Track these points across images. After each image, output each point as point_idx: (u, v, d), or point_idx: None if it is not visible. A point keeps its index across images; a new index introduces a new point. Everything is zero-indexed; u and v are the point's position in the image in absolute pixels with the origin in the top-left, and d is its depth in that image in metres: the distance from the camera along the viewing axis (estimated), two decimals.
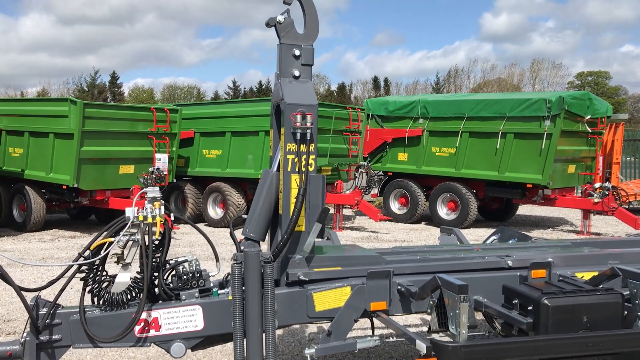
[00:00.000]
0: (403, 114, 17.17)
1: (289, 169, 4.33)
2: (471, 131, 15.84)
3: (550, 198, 15.56)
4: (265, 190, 4.46)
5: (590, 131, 15.69)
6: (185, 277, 4.24)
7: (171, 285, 4.30)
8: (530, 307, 3.83)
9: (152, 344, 4.17)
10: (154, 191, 4.27)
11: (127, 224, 4.17)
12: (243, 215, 4.78)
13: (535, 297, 3.82)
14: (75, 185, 13.96)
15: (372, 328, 4.39)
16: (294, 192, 4.32)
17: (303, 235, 4.35)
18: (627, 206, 16.03)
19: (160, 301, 4.27)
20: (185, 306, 4.15)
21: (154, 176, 14.39)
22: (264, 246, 4.75)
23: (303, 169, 4.28)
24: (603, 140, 16.42)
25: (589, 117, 15.39)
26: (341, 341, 4.04)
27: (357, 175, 15.97)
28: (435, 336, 3.93)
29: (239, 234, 4.49)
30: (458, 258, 4.69)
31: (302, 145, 4.30)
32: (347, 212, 18.36)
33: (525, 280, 4.34)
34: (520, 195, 15.66)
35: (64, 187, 14.30)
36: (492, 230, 6.65)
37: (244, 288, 3.99)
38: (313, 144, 4.36)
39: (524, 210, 19.75)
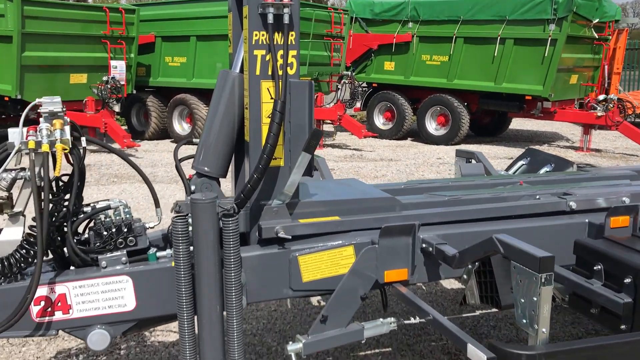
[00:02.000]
0: (390, 16, 15.40)
1: (258, 72, 2.85)
2: (466, 36, 14.22)
3: (550, 111, 14.25)
4: (223, 104, 3.00)
5: (597, 37, 14.18)
6: (106, 232, 2.82)
7: (90, 245, 2.89)
8: (628, 279, 2.52)
9: (60, 332, 2.81)
10: (52, 103, 2.77)
11: (10, 153, 2.70)
12: (194, 140, 3.32)
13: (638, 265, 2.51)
14: (19, 97, 12.22)
15: (384, 304, 3.06)
16: (266, 107, 2.86)
17: (282, 172, 2.94)
18: (631, 119, 14.80)
19: (72, 268, 2.88)
20: (106, 277, 2.77)
21: (110, 86, 12.71)
22: (226, 185, 3.33)
23: (280, 72, 2.80)
24: (609, 47, 14.95)
25: (596, 20, 13.83)
26: (342, 329, 2.72)
27: (339, 86, 14.39)
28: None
29: (188, 168, 3.06)
30: (501, 198, 3.33)
31: (276, 33, 2.80)
32: (327, 127, 16.89)
33: (600, 231, 3.02)
34: (518, 109, 14.31)
35: (6, 98, 12.55)
36: (486, 148, 5.21)
37: (192, 249, 2.62)
38: (294, 34, 2.86)
39: (514, 124, 18.48)
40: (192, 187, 3.01)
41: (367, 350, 4.07)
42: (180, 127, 14.85)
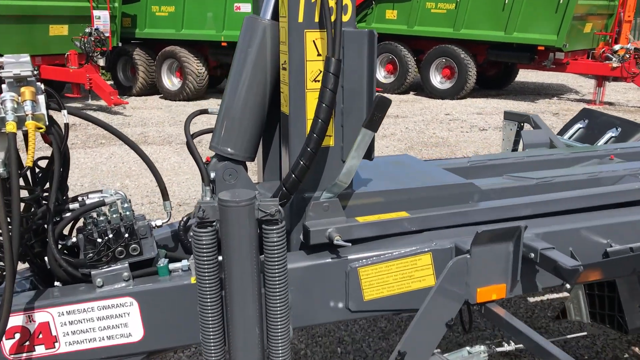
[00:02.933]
0: None
1: (301, 19, 2.09)
2: None
3: (562, 63, 13.46)
4: (250, 63, 2.24)
5: None
6: (100, 239, 2.10)
7: (79, 253, 2.19)
8: None
9: None
10: (18, 63, 2.01)
11: None
12: (211, 109, 2.57)
13: None
14: None
15: (467, 324, 2.39)
16: (312, 67, 2.12)
17: (332, 154, 2.21)
18: None
19: (57, 284, 2.17)
20: (104, 299, 2.06)
21: (93, 39, 11.72)
22: (251, 169, 2.61)
23: (332, 18, 2.06)
24: None
25: None
26: None
27: None
28: None
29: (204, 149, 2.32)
30: (597, 180, 2.63)
31: None
32: None
33: None
34: (528, 60, 13.52)
35: None
36: (494, 102, 4.47)
37: (221, 259, 1.92)
38: None
39: (518, 76, 17.68)
40: (212, 175, 2.28)
41: None
42: (170, 82, 13.93)
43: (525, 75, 18.52)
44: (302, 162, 2.03)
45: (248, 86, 2.25)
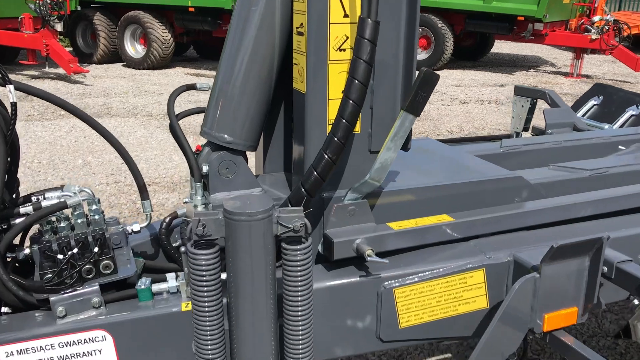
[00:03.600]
0: None
1: None
2: None
3: (541, 34, 13.13)
4: (254, 26, 1.76)
5: None
6: (61, 254, 1.61)
7: (34, 270, 1.70)
8: None
9: None
10: None
11: None
12: (200, 84, 2.06)
13: None
14: None
15: (524, 352, 1.98)
16: (337, 32, 1.64)
17: (357, 144, 1.75)
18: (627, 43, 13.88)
19: (5, 311, 1.68)
20: (67, 334, 1.59)
21: (50, 1, 10.87)
22: (252, 160, 2.14)
23: None
24: None
25: None
26: None
27: None
28: None
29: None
30: None
31: None
32: None
33: None
34: (507, 30, 13.15)
35: None
36: (471, 74, 4.09)
37: (225, 278, 1.45)
38: None
39: (493, 48, 17.36)
40: (204, 168, 1.80)
41: None
42: (134, 49, 13.14)
43: (500, 47, 18.21)
44: (327, 156, 1.56)
45: (251, 56, 1.76)
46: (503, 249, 1.77)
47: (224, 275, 1.47)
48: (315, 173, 1.57)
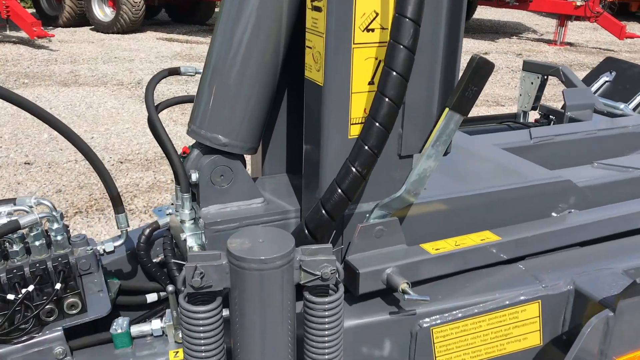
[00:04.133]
0: None
1: None
2: None
3: (526, 0, 12.81)
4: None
5: None
6: (12, 294, 1.25)
7: None
8: None
9: None
10: None
11: None
12: (185, 68, 1.68)
13: None
14: None
15: None
16: (365, 9, 1.28)
17: (385, 148, 1.39)
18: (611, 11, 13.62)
19: None
20: None
21: None
22: (250, 162, 1.78)
23: None
24: None
25: None
26: None
27: None
28: None
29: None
30: None
31: None
32: None
33: None
34: None
35: None
36: None
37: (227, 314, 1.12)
38: None
39: (475, 13, 16.99)
40: (193, 175, 1.45)
41: None
42: (102, 12, 12.45)
43: (481, 13, 17.85)
44: (355, 169, 1.22)
45: (251, 37, 1.40)
46: (559, 274, 1.47)
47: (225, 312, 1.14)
48: (339, 190, 1.23)
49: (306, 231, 1.25)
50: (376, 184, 1.43)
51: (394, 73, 1.18)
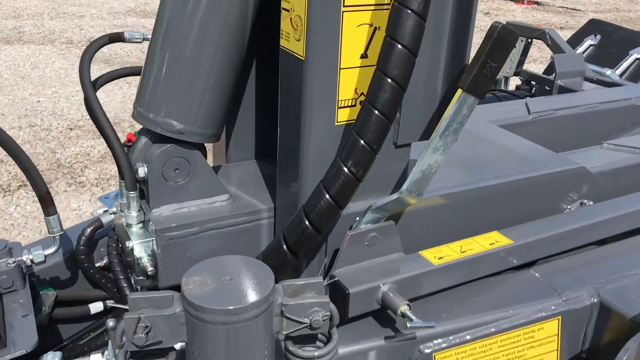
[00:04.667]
0: None
1: None
2: None
3: None
4: None
5: None
6: None
7: None
8: None
9: None
10: None
11: None
12: (130, 33, 1.37)
13: None
14: None
15: None
16: None
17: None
18: None
19: None
20: None
21: None
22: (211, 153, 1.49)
23: None
24: None
25: None
26: None
27: None
28: None
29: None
30: None
31: None
32: None
33: None
34: None
35: None
36: None
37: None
38: None
39: None
40: (141, 170, 1.17)
41: None
42: None
43: None
44: (347, 170, 0.96)
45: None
46: (579, 282, 1.25)
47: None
48: (327, 196, 0.97)
49: (284, 247, 0.99)
50: (367, 179, 1.18)
51: (399, 46, 0.91)
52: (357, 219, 1.15)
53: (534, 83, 3.18)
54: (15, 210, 3.77)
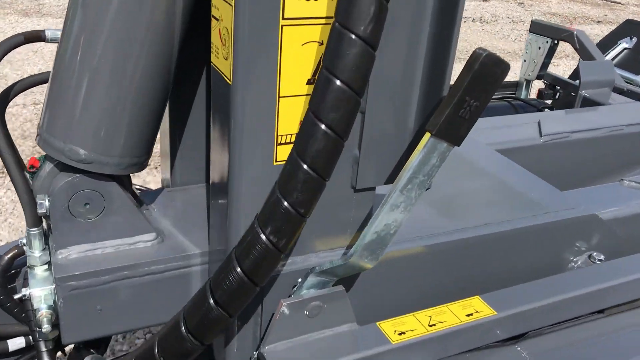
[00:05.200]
0: None
1: None
2: None
3: None
4: None
5: None
6: None
7: None
8: None
9: None
10: None
11: None
12: (52, 32, 1.15)
13: None
14: None
15: None
16: None
17: (340, 172, 0.91)
18: None
19: None
20: None
21: None
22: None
23: None
24: None
25: None
26: None
27: None
28: None
29: None
30: None
31: None
32: None
33: None
34: None
35: None
36: None
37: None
38: None
39: None
40: (43, 205, 0.95)
41: None
42: None
43: None
44: (265, 237, 0.74)
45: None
46: None
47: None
48: (238, 269, 0.75)
49: (184, 330, 0.77)
50: (320, 228, 0.95)
51: (338, 82, 0.68)
52: (300, 280, 0.93)
53: (559, 87, 2.90)
54: (5, 194, 3.62)
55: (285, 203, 0.72)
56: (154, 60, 0.94)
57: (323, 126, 0.69)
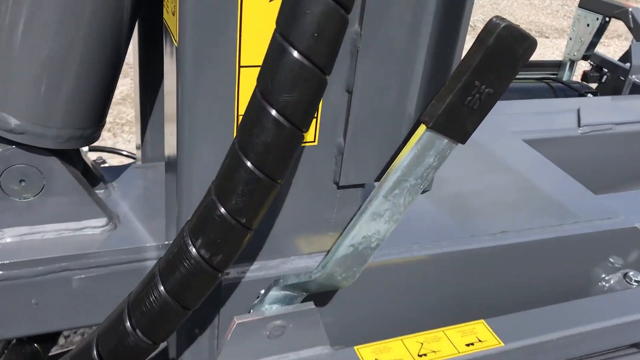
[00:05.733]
0: None
1: None
2: None
3: None
4: None
5: None
6: None
7: None
8: None
9: None
10: None
11: None
12: None
13: None
14: None
15: None
16: None
17: (309, 165, 0.73)
18: None
19: None
20: None
21: None
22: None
23: None
24: None
25: None
26: None
27: None
28: None
29: None
30: None
31: None
32: None
33: None
34: None
35: None
36: None
37: None
38: None
39: None
40: None
41: None
42: None
43: None
44: (223, 211, 0.57)
45: None
46: None
47: None
48: (162, 288, 0.58)
49: (95, 354, 0.62)
50: (287, 235, 0.78)
51: (295, 53, 0.50)
52: (262, 292, 0.76)
53: (606, 70, 2.64)
54: None
55: (222, 209, 0.55)
56: (102, 5, 0.77)
57: (274, 112, 0.51)
